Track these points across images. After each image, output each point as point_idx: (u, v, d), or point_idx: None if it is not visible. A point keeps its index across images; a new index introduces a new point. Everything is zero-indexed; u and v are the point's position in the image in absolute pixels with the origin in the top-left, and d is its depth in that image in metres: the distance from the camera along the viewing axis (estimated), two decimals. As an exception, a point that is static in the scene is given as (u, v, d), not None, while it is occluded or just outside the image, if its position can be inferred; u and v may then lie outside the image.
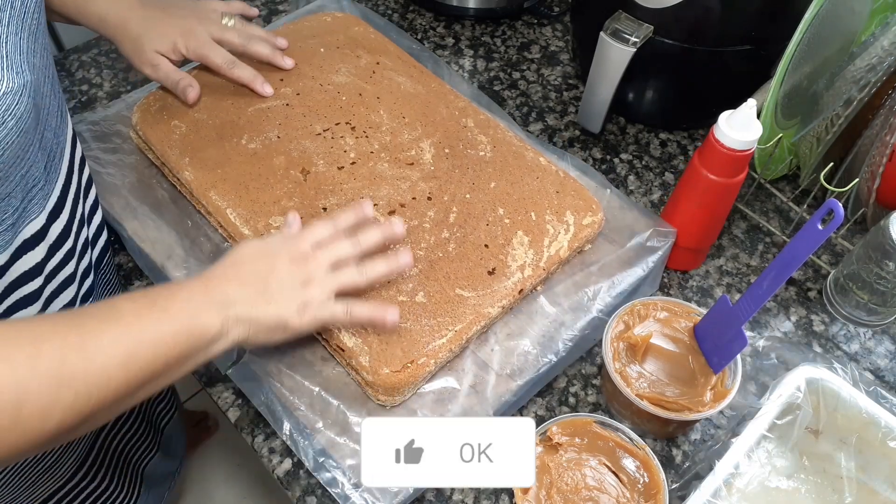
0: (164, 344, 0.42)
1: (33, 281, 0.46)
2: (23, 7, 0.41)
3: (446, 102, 0.70)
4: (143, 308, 0.42)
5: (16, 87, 0.38)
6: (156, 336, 0.41)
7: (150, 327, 0.41)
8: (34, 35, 0.42)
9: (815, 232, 0.46)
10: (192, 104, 0.63)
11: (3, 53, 0.38)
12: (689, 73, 0.72)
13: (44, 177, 0.45)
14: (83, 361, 0.38)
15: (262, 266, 0.48)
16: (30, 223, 0.44)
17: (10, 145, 0.38)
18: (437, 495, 0.54)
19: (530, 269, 0.58)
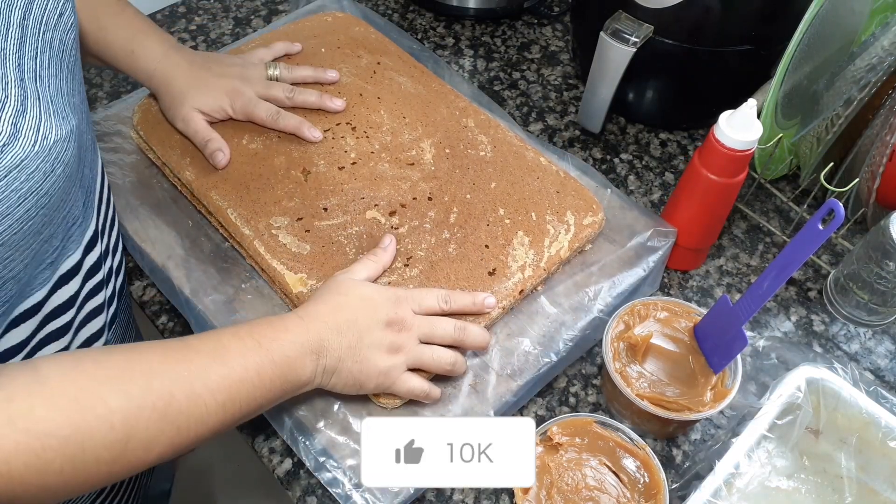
0: (263, 387, 0.44)
1: (66, 313, 0.46)
2: (61, 46, 0.41)
3: (447, 102, 0.70)
4: (249, 349, 0.44)
5: (64, 135, 0.37)
6: (257, 379, 0.44)
7: (253, 370, 0.43)
8: (72, 73, 0.42)
9: (815, 232, 0.46)
10: (221, 168, 0.63)
11: (49, 98, 0.38)
12: (689, 73, 0.72)
13: (82, 213, 0.45)
14: (189, 399, 0.40)
15: (362, 319, 0.50)
16: (67, 258, 0.44)
17: (58, 191, 0.38)
18: (437, 495, 0.54)
19: (531, 269, 0.58)
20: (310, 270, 0.57)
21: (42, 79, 0.38)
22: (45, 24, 0.40)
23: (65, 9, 0.42)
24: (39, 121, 0.36)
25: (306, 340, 0.47)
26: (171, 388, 0.39)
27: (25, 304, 0.41)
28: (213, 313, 0.58)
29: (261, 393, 0.44)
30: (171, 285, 0.60)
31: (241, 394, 0.43)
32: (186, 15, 0.89)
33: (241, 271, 0.61)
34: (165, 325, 0.63)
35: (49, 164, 0.36)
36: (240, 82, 0.65)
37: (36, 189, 0.36)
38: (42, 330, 0.44)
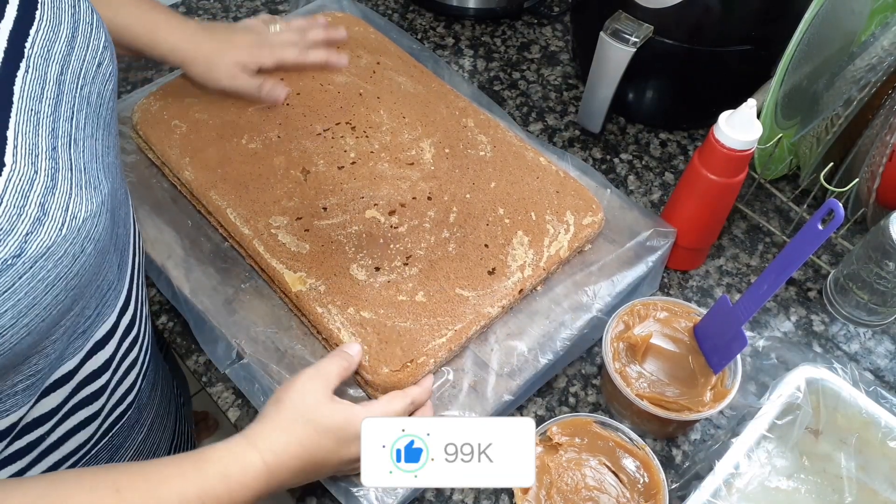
0: None
1: (101, 377, 0.44)
2: (99, 100, 0.38)
3: (446, 102, 0.70)
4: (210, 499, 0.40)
5: (94, 209, 0.35)
6: None
7: None
8: (108, 128, 0.39)
9: (815, 232, 0.46)
10: (283, 101, 0.67)
11: (81, 166, 0.35)
12: (689, 73, 0.72)
13: (117, 276, 0.43)
14: None
15: (322, 457, 0.45)
16: (102, 325, 0.42)
17: (89, 269, 0.36)
18: (436, 495, 0.54)
19: (530, 268, 0.58)
20: (309, 269, 0.57)
21: (77, 143, 0.35)
22: (83, 78, 0.37)
23: (103, 58, 0.40)
24: (69, 196, 0.33)
25: (266, 493, 0.43)
26: None
27: (58, 373, 0.40)
28: (212, 313, 0.58)
29: None
30: (170, 285, 0.60)
31: None
32: (186, 15, 0.89)
33: (240, 271, 0.61)
34: (165, 325, 0.63)
35: (78, 245, 0.34)
36: (257, 36, 0.68)
37: (65, 274, 0.33)
38: (75, 396, 0.43)
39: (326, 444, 0.45)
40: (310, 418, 0.44)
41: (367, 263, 0.58)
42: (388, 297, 0.56)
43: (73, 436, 0.45)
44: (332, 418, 0.45)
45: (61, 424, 0.43)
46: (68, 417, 0.44)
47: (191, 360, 0.61)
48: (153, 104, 0.67)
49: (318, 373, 0.47)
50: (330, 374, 0.47)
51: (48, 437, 0.43)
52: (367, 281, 0.57)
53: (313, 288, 0.56)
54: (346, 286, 0.56)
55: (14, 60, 0.33)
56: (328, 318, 0.55)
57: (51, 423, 0.42)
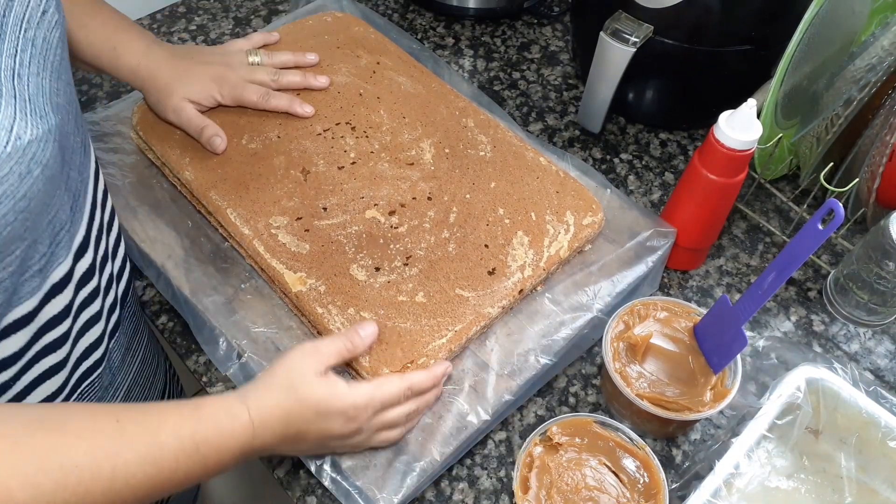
0: (190, 479, 0.41)
1: (62, 324, 0.45)
2: (45, 45, 0.39)
3: (446, 102, 0.70)
4: (186, 455, 0.41)
5: (40, 134, 0.36)
6: (185, 480, 0.41)
7: (183, 474, 0.41)
8: (57, 72, 0.40)
9: (815, 232, 0.46)
10: (221, 153, 0.63)
11: (27, 97, 0.36)
12: (689, 73, 0.72)
13: (70, 218, 0.44)
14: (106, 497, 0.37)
15: (313, 432, 0.47)
16: (58, 267, 0.43)
17: (38, 194, 0.37)
18: (437, 495, 0.54)
19: (530, 269, 0.58)
20: (309, 269, 0.57)
21: (21, 77, 0.36)
22: (27, 22, 0.38)
23: (48, 6, 0.41)
24: (13, 120, 0.34)
25: (250, 450, 0.44)
26: (90, 486, 0.36)
27: (15, 313, 0.40)
28: (212, 313, 0.58)
29: (186, 480, 0.41)
30: (170, 285, 0.60)
31: (164, 490, 0.40)
32: (186, 15, 0.89)
33: (240, 271, 0.61)
34: (165, 325, 0.63)
35: (24, 165, 0.35)
36: (224, 68, 0.65)
37: (12, 192, 0.34)
38: (37, 342, 0.43)
39: (306, 414, 0.46)
40: (294, 386, 0.46)
41: (367, 263, 0.58)
42: (388, 298, 0.56)
43: (39, 384, 0.46)
44: (314, 391, 0.46)
45: (26, 372, 0.44)
46: (32, 365, 0.44)
47: (191, 360, 0.61)
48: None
49: (316, 349, 0.48)
50: (327, 353, 0.48)
51: (14, 384, 0.44)
52: (367, 281, 0.57)
53: (313, 288, 0.56)
54: (347, 286, 0.56)
55: None
56: (328, 318, 0.54)
57: (15, 368, 0.43)
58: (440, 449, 0.52)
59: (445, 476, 0.55)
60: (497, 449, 0.57)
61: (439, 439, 0.52)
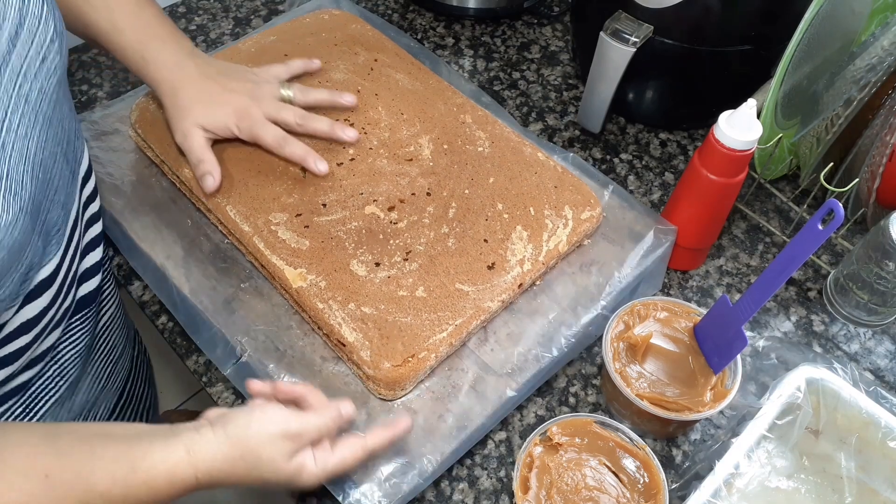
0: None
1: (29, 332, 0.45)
2: (40, 96, 0.38)
3: (444, 99, 0.70)
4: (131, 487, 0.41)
5: (10, 219, 0.35)
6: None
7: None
8: (49, 121, 0.39)
9: (815, 232, 0.46)
10: (208, 193, 0.60)
11: (4, 172, 0.35)
12: (689, 73, 0.72)
13: (41, 253, 0.43)
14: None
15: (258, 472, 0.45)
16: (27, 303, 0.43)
17: (2, 268, 0.36)
18: (437, 495, 0.54)
19: (529, 263, 0.59)
20: (309, 265, 0.57)
21: (4, 148, 0.35)
22: (23, 76, 0.37)
23: (49, 51, 0.40)
24: None
25: (194, 482, 0.43)
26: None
27: None
28: (212, 313, 0.58)
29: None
30: (167, 285, 0.60)
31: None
32: (186, 15, 0.88)
33: (240, 270, 0.61)
34: (165, 325, 0.63)
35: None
36: (249, 101, 0.61)
37: None
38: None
39: (266, 481, 0.45)
40: (259, 468, 0.44)
41: (367, 259, 0.58)
42: (388, 293, 0.56)
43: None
44: (279, 477, 0.45)
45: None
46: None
47: (191, 360, 0.60)
48: (151, 103, 0.67)
49: (300, 434, 0.45)
50: (306, 438, 0.46)
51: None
52: (367, 276, 0.57)
53: (314, 284, 0.56)
54: (347, 282, 0.56)
55: None
56: (329, 313, 0.54)
57: None
58: (440, 449, 0.52)
59: (445, 476, 0.55)
60: (497, 449, 0.56)
61: (439, 439, 0.52)
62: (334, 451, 0.47)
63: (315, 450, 0.46)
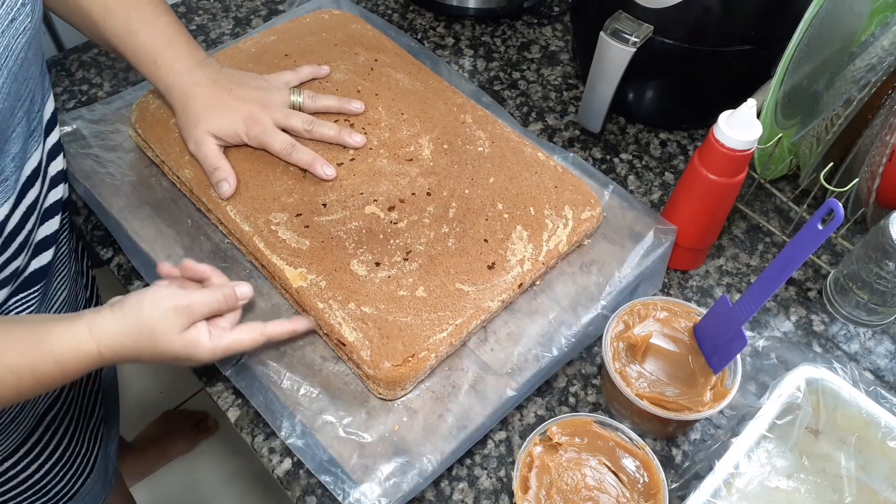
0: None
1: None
2: (5, 52, 0.41)
3: (444, 99, 0.70)
4: (26, 384, 0.45)
5: None
6: (33, 396, 0.47)
7: (29, 395, 0.46)
8: (13, 76, 0.42)
9: (815, 232, 0.46)
10: (224, 198, 0.60)
11: None
12: (689, 73, 0.72)
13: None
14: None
15: (158, 358, 0.49)
16: None
17: None
18: (436, 495, 0.54)
19: (529, 263, 0.59)
20: (309, 265, 0.57)
21: None
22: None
23: (18, 14, 0.42)
24: None
25: (94, 368, 0.48)
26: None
27: None
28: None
29: (32, 396, 0.48)
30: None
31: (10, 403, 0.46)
32: (186, 15, 0.89)
33: (240, 270, 0.61)
34: (164, 324, 0.63)
35: None
36: (259, 108, 0.62)
37: None
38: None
39: (156, 356, 0.49)
40: (154, 340, 0.48)
41: (368, 259, 0.58)
42: (388, 293, 0.56)
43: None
44: (174, 349, 0.48)
45: None
46: None
47: (189, 359, 0.60)
48: (151, 102, 0.67)
49: (189, 309, 0.49)
50: (196, 312, 0.49)
51: None
52: (367, 276, 0.57)
53: (314, 283, 0.56)
54: (347, 281, 0.56)
55: None
56: (329, 313, 0.54)
57: None
58: (440, 448, 0.52)
59: (445, 476, 0.55)
60: (497, 449, 0.56)
61: (439, 439, 0.52)
62: (232, 331, 0.51)
63: (212, 327, 0.50)
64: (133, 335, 0.47)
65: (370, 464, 0.51)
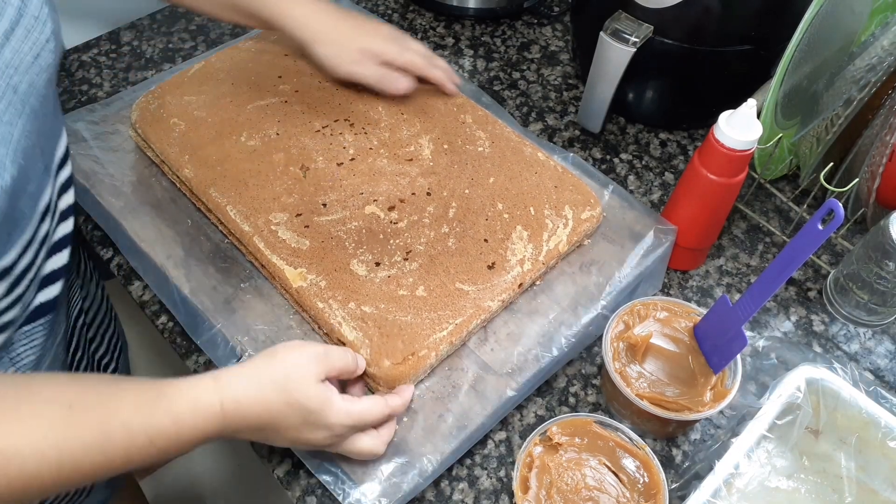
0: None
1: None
2: (29, 90, 0.40)
3: (444, 99, 0.70)
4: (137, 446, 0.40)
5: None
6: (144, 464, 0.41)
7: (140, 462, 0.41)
8: (34, 113, 0.41)
9: (815, 232, 0.46)
10: (402, 94, 0.65)
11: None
12: (689, 73, 0.72)
13: (5, 241, 0.43)
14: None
15: (285, 432, 0.46)
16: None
17: None
18: (436, 495, 0.54)
19: (529, 263, 0.59)
20: (309, 265, 0.57)
21: None
22: (13, 69, 0.39)
23: (43, 50, 0.42)
24: None
25: (217, 437, 0.43)
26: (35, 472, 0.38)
27: None
28: (212, 313, 0.58)
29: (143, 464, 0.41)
30: (167, 285, 0.60)
31: (119, 471, 0.41)
32: (186, 15, 0.89)
33: (240, 270, 0.61)
34: (165, 325, 0.63)
35: None
36: (390, 30, 0.67)
37: None
38: None
39: (292, 419, 0.45)
40: (288, 388, 0.44)
41: (368, 259, 0.58)
42: (388, 292, 0.56)
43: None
44: (309, 400, 0.45)
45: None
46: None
47: (191, 360, 0.60)
48: (151, 102, 0.67)
49: (326, 357, 0.47)
50: (333, 363, 0.47)
51: None
52: (367, 276, 0.57)
53: (314, 283, 0.56)
54: (347, 281, 0.56)
55: None
56: (329, 312, 0.54)
57: None
58: (440, 448, 0.52)
59: (445, 476, 0.55)
60: (497, 449, 0.56)
61: (439, 439, 0.52)
62: (362, 400, 0.48)
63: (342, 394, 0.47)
64: (264, 383, 0.43)
65: (370, 464, 0.51)
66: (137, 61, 0.83)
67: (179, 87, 0.69)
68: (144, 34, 0.86)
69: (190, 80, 0.70)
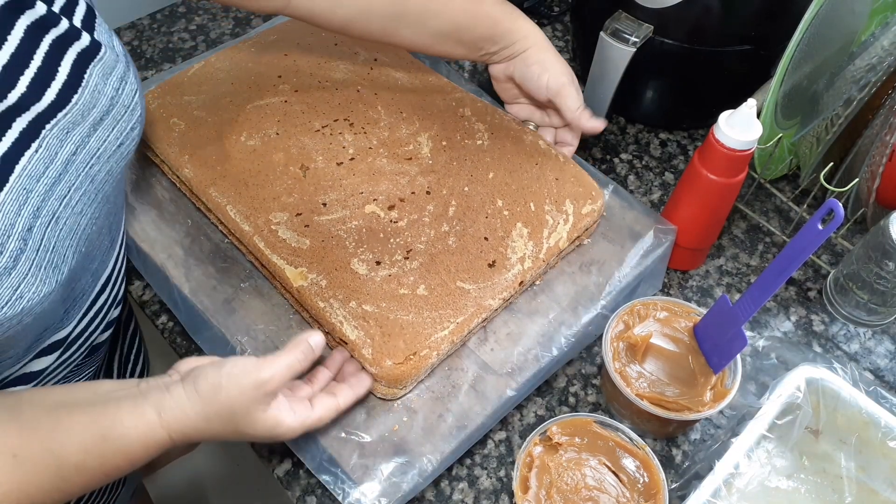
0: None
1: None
2: (107, 177, 0.40)
3: (443, 94, 0.70)
4: (94, 479, 0.41)
5: (47, 292, 0.36)
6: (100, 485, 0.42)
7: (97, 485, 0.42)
8: (107, 198, 0.41)
9: (815, 232, 0.46)
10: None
11: (52, 246, 0.36)
12: (689, 73, 0.72)
13: (61, 317, 0.44)
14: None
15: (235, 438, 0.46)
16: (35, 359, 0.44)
17: (24, 333, 0.38)
18: (436, 495, 0.54)
19: (530, 260, 0.59)
20: (310, 265, 0.57)
21: (58, 221, 0.37)
22: (97, 158, 0.39)
23: (127, 138, 0.41)
24: (23, 278, 0.35)
25: (166, 437, 0.43)
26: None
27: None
28: (212, 313, 0.58)
29: (99, 485, 0.43)
30: (167, 285, 0.59)
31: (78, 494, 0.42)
32: (186, 15, 0.89)
33: (240, 270, 0.61)
34: (165, 325, 0.63)
35: (17, 319, 0.36)
36: None
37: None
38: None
39: (244, 435, 0.45)
40: (234, 421, 0.44)
41: (368, 258, 0.58)
42: (389, 291, 0.56)
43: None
44: (256, 430, 0.45)
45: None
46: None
47: (189, 359, 0.60)
48: (151, 102, 0.67)
49: (271, 378, 0.44)
50: (277, 381, 0.44)
51: None
52: (368, 275, 0.57)
53: (314, 283, 0.56)
54: (348, 280, 0.56)
55: (28, 140, 0.35)
56: (330, 312, 0.54)
57: None
58: (440, 448, 0.52)
59: (445, 476, 0.55)
60: (497, 449, 0.56)
61: (439, 438, 0.52)
62: (315, 408, 0.47)
63: (294, 402, 0.46)
64: (210, 418, 0.43)
65: (370, 464, 0.51)
66: (137, 61, 0.83)
67: (179, 86, 0.69)
68: (144, 34, 0.86)
69: (190, 79, 0.70)
